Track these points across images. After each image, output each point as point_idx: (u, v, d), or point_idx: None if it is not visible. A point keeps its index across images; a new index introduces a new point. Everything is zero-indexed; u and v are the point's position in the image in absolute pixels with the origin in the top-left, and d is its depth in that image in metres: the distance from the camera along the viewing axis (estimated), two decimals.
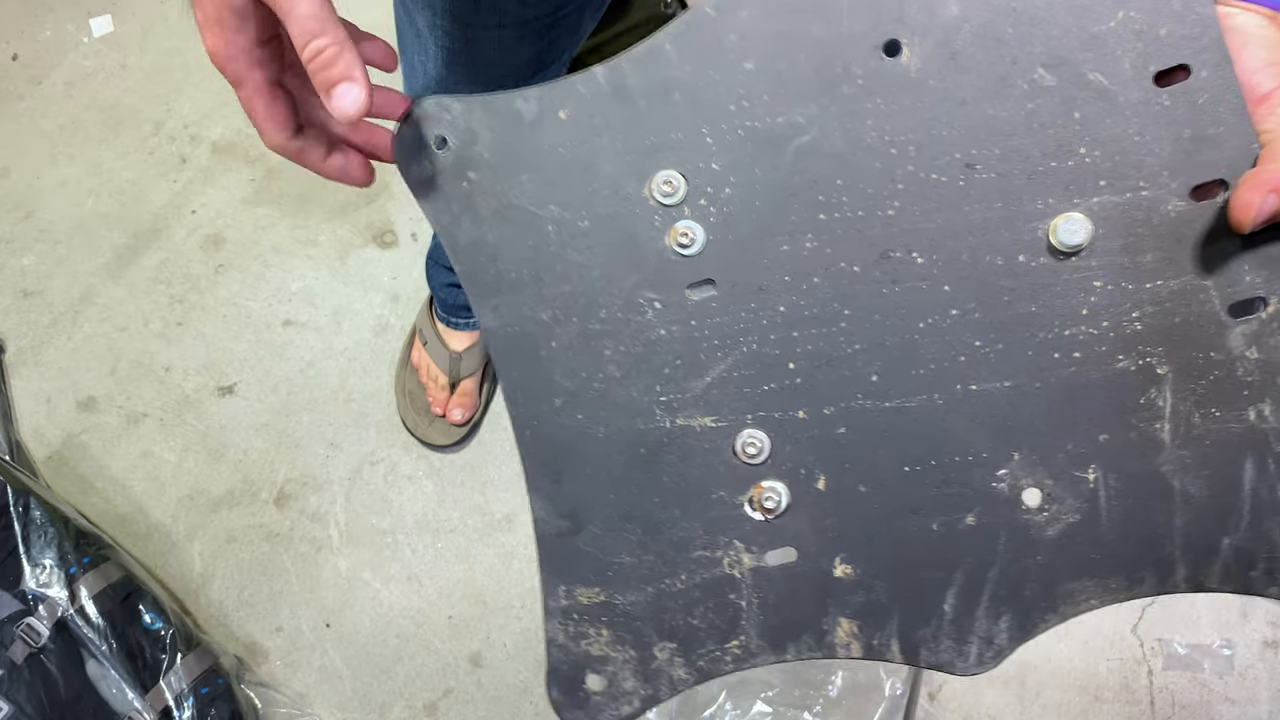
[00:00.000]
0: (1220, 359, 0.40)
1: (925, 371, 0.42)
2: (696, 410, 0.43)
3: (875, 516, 0.43)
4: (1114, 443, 0.41)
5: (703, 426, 0.43)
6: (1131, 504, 0.41)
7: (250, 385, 1.29)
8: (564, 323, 0.44)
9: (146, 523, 1.22)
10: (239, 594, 1.18)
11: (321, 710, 1.13)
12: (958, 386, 0.42)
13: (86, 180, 1.42)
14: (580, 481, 0.44)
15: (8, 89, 1.49)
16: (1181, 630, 1.14)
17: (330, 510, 1.22)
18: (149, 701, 1.03)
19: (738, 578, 0.43)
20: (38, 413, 1.28)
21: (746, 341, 0.43)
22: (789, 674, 1.12)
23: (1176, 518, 0.41)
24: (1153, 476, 0.41)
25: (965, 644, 0.42)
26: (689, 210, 0.42)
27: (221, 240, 1.38)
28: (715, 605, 0.43)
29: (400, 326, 1.32)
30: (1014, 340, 0.41)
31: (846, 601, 0.43)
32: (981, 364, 0.41)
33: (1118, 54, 0.40)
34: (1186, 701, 1.11)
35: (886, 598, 0.43)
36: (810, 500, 0.43)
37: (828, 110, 0.41)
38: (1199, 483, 0.41)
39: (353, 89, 0.39)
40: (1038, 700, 1.11)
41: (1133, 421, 0.41)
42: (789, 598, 0.43)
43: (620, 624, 0.44)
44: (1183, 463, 0.41)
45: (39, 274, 1.36)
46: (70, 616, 1.05)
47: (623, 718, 0.45)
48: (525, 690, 1.13)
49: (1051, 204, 0.41)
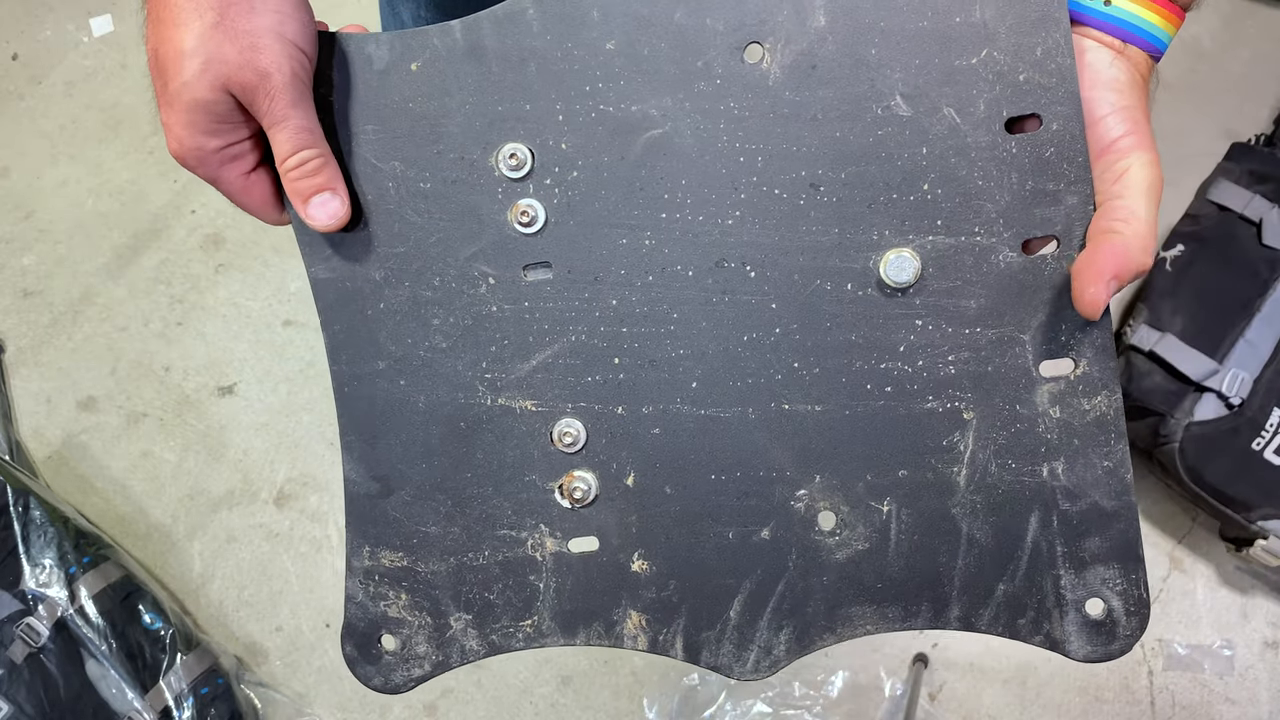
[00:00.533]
0: (1025, 413, 0.41)
1: (743, 385, 0.42)
2: (519, 392, 0.44)
3: (677, 518, 0.43)
4: (911, 480, 0.42)
5: (523, 409, 0.44)
6: (919, 540, 0.42)
7: (250, 385, 1.29)
8: (395, 285, 0.43)
9: (146, 523, 1.22)
10: (239, 594, 1.18)
11: (321, 710, 1.13)
12: (771, 404, 0.42)
13: (87, 180, 1.42)
14: (395, 447, 0.44)
15: (8, 89, 1.49)
16: (1182, 631, 1.14)
17: (330, 510, 1.22)
18: (149, 701, 1.03)
19: (539, 560, 0.44)
20: (38, 412, 1.28)
21: (575, 330, 0.43)
22: (789, 674, 1.12)
23: (959, 559, 0.42)
24: (943, 517, 0.42)
25: (745, 650, 0.43)
26: (533, 188, 0.42)
27: (221, 240, 1.38)
28: (514, 584, 0.44)
29: None
30: (830, 366, 0.42)
31: (639, 596, 0.44)
32: (796, 385, 0.42)
33: (974, 93, 0.39)
34: (1187, 702, 1.10)
35: (677, 597, 0.43)
36: (618, 495, 0.44)
37: (682, 106, 0.41)
38: (985, 529, 0.42)
39: (333, 200, 0.41)
40: (1038, 700, 1.11)
41: (932, 462, 0.42)
42: (585, 585, 0.44)
43: (420, 590, 0.45)
44: (973, 507, 0.42)
45: (39, 274, 1.36)
46: (70, 616, 1.05)
47: (412, 679, 0.46)
48: (525, 690, 1.13)
49: (886, 236, 0.41)
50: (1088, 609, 0.42)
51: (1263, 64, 1.46)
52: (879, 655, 1.13)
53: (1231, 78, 1.45)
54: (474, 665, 1.15)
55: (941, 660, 1.13)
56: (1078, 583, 0.42)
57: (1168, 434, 1.08)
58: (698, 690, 1.11)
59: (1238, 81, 1.45)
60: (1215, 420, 1.07)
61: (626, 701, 1.12)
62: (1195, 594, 1.15)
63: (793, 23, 0.39)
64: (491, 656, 0.45)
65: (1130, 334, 1.16)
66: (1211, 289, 1.14)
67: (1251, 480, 1.05)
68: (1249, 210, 1.17)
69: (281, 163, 0.40)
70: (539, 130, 0.41)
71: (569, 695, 1.13)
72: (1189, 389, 1.09)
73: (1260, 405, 1.07)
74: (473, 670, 1.14)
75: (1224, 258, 1.16)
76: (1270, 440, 1.06)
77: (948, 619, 0.43)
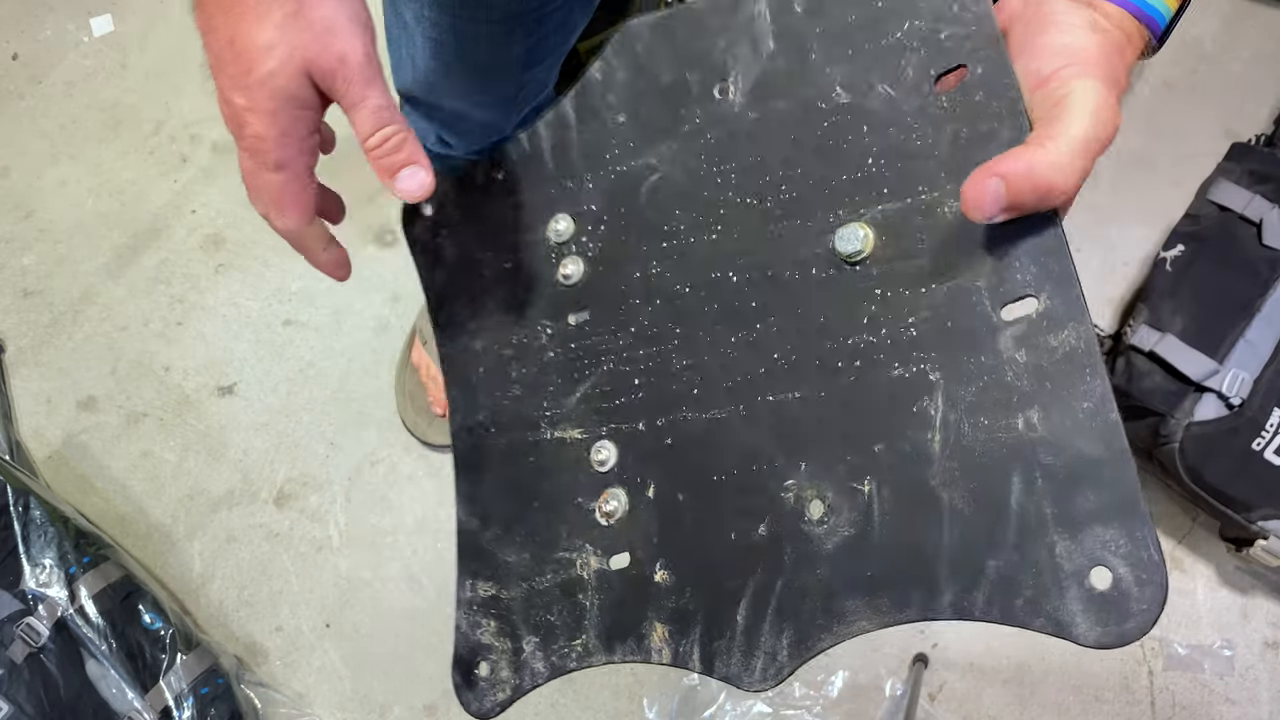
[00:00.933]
0: (990, 363, 0.38)
1: (733, 384, 0.43)
2: (568, 423, 0.48)
3: (690, 524, 0.44)
4: (888, 453, 0.40)
5: (571, 438, 0.47)
6: (902, 518, 0.39)
7: (250, 385, 1.29)
8: (488, 350, 0.51)
9: (146, 522, 1.22)
10: (239, 594, 1.18)
11: (321, 710, 1.13)
12: (758, 398, 0.43)
13: (87, 180, 1.42)
14: (488, 486, 0.49)
15: (8, 88, 1.49)
16: (1182, 631, 1.14)
17: (330, 510, 1.22)
18: (149, 701, 1.03)
19: (585, 579, 0.46)
20: (38, 412, 1.28)
21: (606, 360, 0.47)
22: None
23: (944, 535, 0.38)
24: (923, 490, 0.39)
25: (752, 658, 0.42)
26: (574, 246, 0.48)
27: (222, 240, 1.38)
28: (568, 604, 0.46)
29: (400, 326, 1.31)
30: (805, 351, 0.42)
31: (662, 606, 0.44)
32: (778, 375, 0.42)
33: (902, 63, 0.40)
34: (1187, 702, 1.10)
35: (694, 605, 0.43)
36: (643, 507, 0.45)
37: (672, 149, 0.46)
38: (966, 497, 0.38)
39: (419, 172, 0.43)
40: (1037, 701, 1.11)
41: (906, 432, 0.39)
42: (620, 601, 0.45)
43: (503, 616, 0.47)
44: (951, 475, 0.38)
45: (39, 273, 1.36)
46: (70, 616, 1.05)
47: (498, 704, 0.47)
48: None
49: (841, 215, 0.41)
50: (1092, 580, 0.36)
51: (1263, 64, 1.46)
52: (879, 655, 1.13)
53: (1232, 78, 1.45)
54: None
55: (941, 660, 1.13)
56: (1075, 549, 0.36)
57: (1168, 434, 1.08)
58: (697, 690, 1.11)
59: (1238, 81, 1.45)
60: (1215, 420, 1.07)
61: (626, 702, 1.12)
62: (1195, 594, 1.15)
63: (749, 54, 0.44)
64: (553, 680, 0.46)
65: (1130, 334, 1.16)
66: (1211, 289, 1.14)
67: (1252, 480, 1.05)
68: (1249, 210, 1.17)
69: (364, 140, 0.42)
70: (576, 200, 0.49)
71: (569, 695, 1.13)
72: (1189, 389, 1.09)
73: (1260, 405, 1.07)
74: None
75: (1224, 258, 1.16)
76: (1270, 440, 1.06)
77: (940, 607, 0.39)
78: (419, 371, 1.24)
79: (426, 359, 1.22)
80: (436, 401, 1.21)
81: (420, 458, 1.24)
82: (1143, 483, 0.36)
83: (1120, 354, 1.17)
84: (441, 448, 1.24)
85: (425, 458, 1.24)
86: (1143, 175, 1.38)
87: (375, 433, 1.26)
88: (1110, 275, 1.32)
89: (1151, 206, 1.36)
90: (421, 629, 1.16)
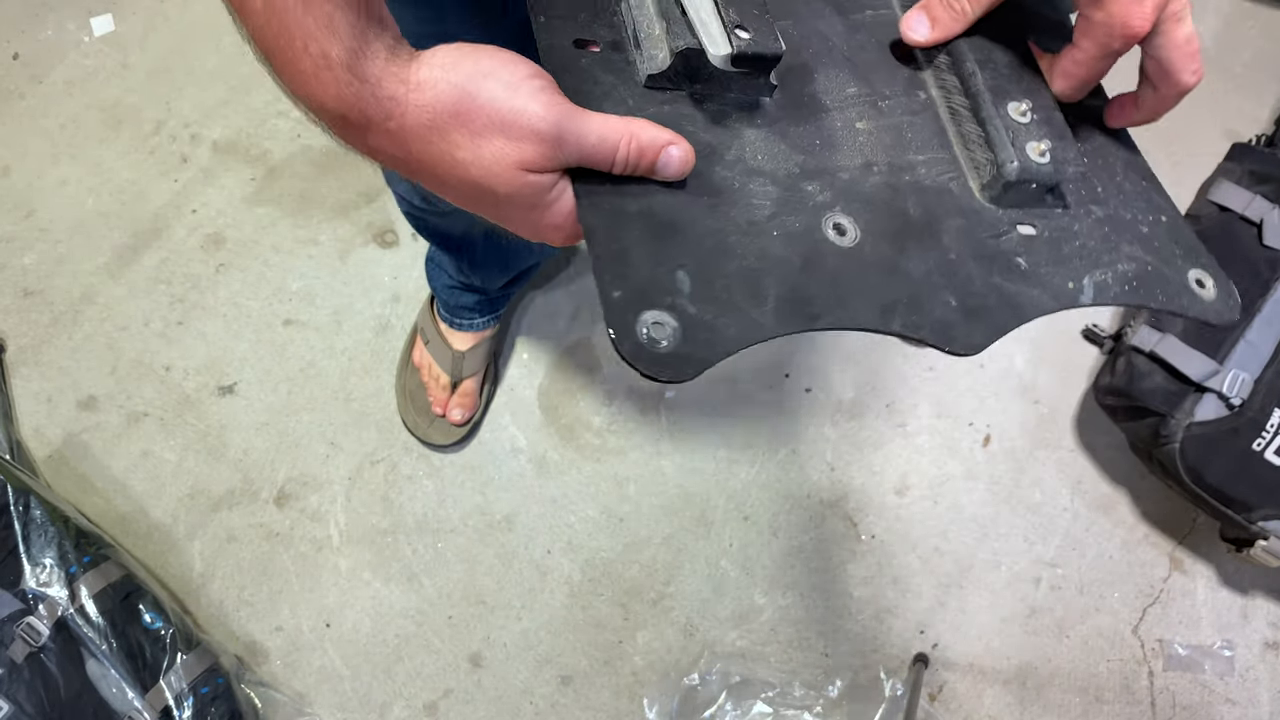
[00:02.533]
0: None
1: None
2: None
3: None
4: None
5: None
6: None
7: (251, 385, 1.29)
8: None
9: (147, 522, 1.22)
10: (239, 593, 1.18)
11: (321, 710, 1.13)
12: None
13: (87, 179, 1.42)
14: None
15: (9, 88, 1.49)
16: (1182, 631, 1.14)
17: (330, 510, 1.22)
18: (149, 701, 1.03)
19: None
20: (38, 412, 1.28)
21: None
22: (789, 674, 1.12)
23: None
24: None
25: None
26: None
27: (222, 240, 1.38)
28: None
29: (401, 326, 1.31)
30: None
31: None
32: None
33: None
34: (1187, 703, 1.10)
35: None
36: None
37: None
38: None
39: (674, 152, 0.41)
40: (1038, 701, 1.11)
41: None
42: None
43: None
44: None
45: (39, 273, 1.36)
46: (70, 616, 1.04)
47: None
48: (525, 690, 1.13)
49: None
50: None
51: (1263, 64, 1.46)
52: (879, 655, 1.13)
53: (1232, 78, 1.45)
54: (473, 665, 1.14)
55: (941, 660, 1.12)
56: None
57: (1168, 434, 1.08)
58: (698, 690, 1.11)
59: (1239, 82, 1.44)
60: (1216, 421, 1.07)
61: (627, 701, 1.12)
62: (1196, 594, 1.15)
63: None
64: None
65: (1131, 335, 1.16)
66: None
67: (1252, 481, 1.05)
68: (1250, 211, 1.17)
69: (611, 168, 0.41)
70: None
71: (569, 695, 1.13)
72: (1189, 389, 1.09)
73: (1261, 406, 1.07)
74: (472, 670, 1.14)
75: (1225, 258, 1.16)
76: (1271, 441, 1.06)
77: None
78: (420, 371, 1.24)
79: (428, 358, 1.22)
80: (437, 402, 1.21)
81: (420, 458, 1.24)
82: (1143, 483, 0.36)
83: (1121, 354, 1.17)
84: (442, 448, 1.24)
85: (425, 458, 1.24)
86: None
87: (375, 433, 1.26)
88: None
89: None
90: (422, 629, 1.16)
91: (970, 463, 1.22)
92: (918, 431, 1.24)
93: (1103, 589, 1.16)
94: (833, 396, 1.28)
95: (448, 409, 1.21)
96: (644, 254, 0.41)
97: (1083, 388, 1.26)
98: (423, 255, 1.35)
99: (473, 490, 1.23)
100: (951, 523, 1.19)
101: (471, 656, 1.15)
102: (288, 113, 1.43)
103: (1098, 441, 1.22)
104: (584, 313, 1.32)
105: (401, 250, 1.36)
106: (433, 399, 1.22)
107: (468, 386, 1.22)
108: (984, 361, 1.27)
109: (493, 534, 1.21)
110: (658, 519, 1.23)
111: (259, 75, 1.46)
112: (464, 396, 1.21)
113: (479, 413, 1.25)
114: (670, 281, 0.40)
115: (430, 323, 1.23)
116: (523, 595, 1.18)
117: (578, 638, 1.15)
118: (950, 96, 0.50)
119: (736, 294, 0.41)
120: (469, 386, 1.22)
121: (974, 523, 1.19)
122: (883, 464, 1.22)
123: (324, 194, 1.39)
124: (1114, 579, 1.16)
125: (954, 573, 1.16)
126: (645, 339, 0.38)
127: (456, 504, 1.22)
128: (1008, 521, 1.19)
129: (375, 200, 1.38)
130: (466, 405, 1.21)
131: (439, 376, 1.21)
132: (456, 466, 1.24)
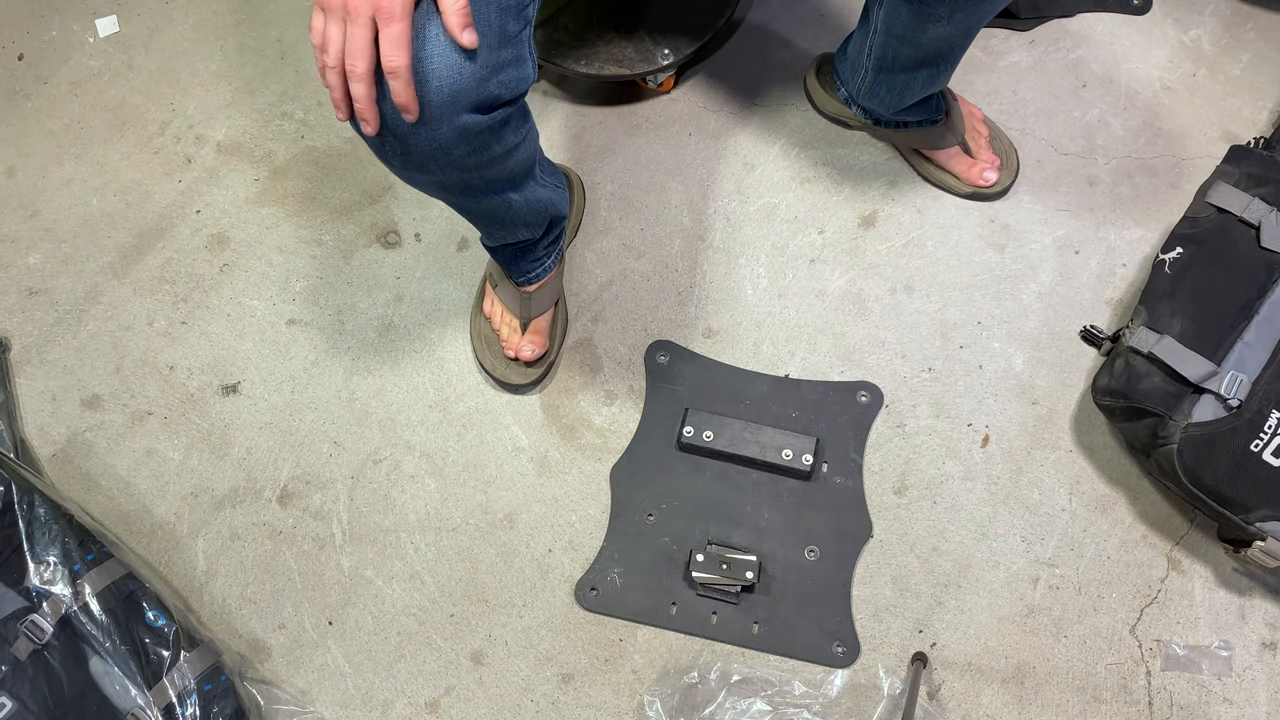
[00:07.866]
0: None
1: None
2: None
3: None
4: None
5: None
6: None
7: (254, 384, 1.30)
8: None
9: (150, 520, 1.23)
10: (242, 591, 1.19)
11: (323, 707, 1.14)
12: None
13: (92, 179, 1.43)
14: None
15: (14, 89, 1.50)
16: (1180, 631, 1.14)
17: (333, 508, 1.23)
18: (152, 698, 1.03)
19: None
20: (42, 411, 1.29)
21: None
22: (789, 673, 1.13)
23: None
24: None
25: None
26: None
27: (226, 240, 1.38)
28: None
29: (403, 326, 1.32)
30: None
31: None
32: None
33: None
34: (1185, 703, 1.11)
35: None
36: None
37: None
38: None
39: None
40: (1036, 700, 1.11)
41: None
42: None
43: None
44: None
45: (44, 272, 1.37)
46: (74, 613, 1.05)
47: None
48: (526, 688, 1.14)
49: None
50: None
51: (1262, 67, 1.46)
52: (878, 655, 1.13)
53: (1231, 80, 1.45)
54: (475, 663, 1.15)
55: (940, 660, 1.13)
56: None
57: (1166, 435, 1.09)
58: (698, 688, 1.11)
59: (1237, 84, 1.45)
60: (1214, 422, 1.07)
61: (627, 699, 1.13)
62: (1193, 595, 1.16)
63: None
64: None
65: (1129, 336, 1.16)
66: (1210, 291, 1.15)
67: (1250, 482, 1.05)
68: (1248, 213, 1.18)
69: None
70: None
71: (570, 693, 1.13)
72: (1187, 390, 1.09)
73: (1259, 407, 1.07)
74: (474, 667, 1.15)
75: (1222, 260, 1.17)
76: (1269, 442, 1.06)
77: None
78: (490, 321, 1.26)
79: (499, 306, 1.25)
80: (509, 345, 1.23)
81: (422, 457, 1.25)
82: (1141, 484, 0.37)
83: (1119, 355, 1.17)
84: (519, 388, 1.26)
85: (427, 457, 1.25)
86: (1142, 177, 1.39)
87: (378, 432, 1.26)
88: (1109, 277, 1.32)
89: (1150, 209, 1.37)
90: (424, 627, 1.17)
91: (969, 463, 1.23)
92: (916, 432, 1.25)
93: (1100, 589, 1.16)
94: None
95: (519, 349, 1.22)
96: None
97: (1081, 388, 1.26)
98: (425, 256, 1.36)
99: (474, 489, 1.24)
100: (950, 523, 1.20)
101: (473, 654, 1.16)
102: (292, 114, 1.44)
103: (1096, 442, 1.23)
104: (584, 313, 1.33)
105: (404, 250, 1.37)
106: (505, 343, 1.24)
107: (539, 324, 1.24)
108: (982, 363, 1.28)
109: (494, 532, 1.21)
110: None
111: (263, 76, 1.47)
112: (535, 335, 1.24)
113: (555, 351, 1.27)
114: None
115: (498, 268, 1.24)
116: (524, 593, 1.18)
117: (578, 636, 1.16)
118: None
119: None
120: (540, 324, 1.24)
121: (972, 523, 1.20)
122: (881, 464, 1.23)
123: (327, 194, 1.40)
124: (1112, 579, 1.17)
125: (952, 572, 1.17)
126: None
127: (458, 503, 1.23)
128: (1006, 521, 1.20)
129: (379, 201, 1.39)
130: (538, 343, 1.23)
131: (510, 320, 1.23)
132: (458, 466, 1.25)
